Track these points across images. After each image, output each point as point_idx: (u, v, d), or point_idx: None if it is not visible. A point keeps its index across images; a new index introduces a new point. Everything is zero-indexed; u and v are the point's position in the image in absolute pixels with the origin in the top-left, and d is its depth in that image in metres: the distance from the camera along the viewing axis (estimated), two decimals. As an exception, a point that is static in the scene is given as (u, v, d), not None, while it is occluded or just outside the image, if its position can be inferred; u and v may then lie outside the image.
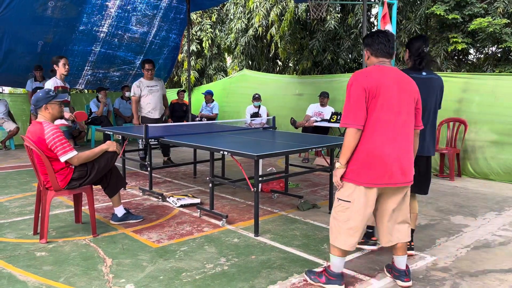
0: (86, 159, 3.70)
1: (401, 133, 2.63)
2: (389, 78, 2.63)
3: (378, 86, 2.58)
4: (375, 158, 2.57)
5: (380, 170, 2.58)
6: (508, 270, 3.17)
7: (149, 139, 4.77)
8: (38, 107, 3.65)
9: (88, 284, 2.86)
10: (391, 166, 2.59)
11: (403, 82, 2.69)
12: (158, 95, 6.90)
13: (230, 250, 3.50)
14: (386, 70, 2.67)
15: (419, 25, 9.62)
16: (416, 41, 3.33)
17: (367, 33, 3.18)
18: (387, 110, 2.58)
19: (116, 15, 9.58)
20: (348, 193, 2.67)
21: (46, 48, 9.27)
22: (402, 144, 2.63)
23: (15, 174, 6.50)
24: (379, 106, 2.57)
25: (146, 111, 6.87)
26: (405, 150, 2.65)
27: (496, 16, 8.65)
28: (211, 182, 4.34)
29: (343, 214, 2.71)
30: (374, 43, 2.74)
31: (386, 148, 2.58)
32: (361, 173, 2.60)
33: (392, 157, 2.59)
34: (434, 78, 3.31)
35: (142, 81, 6.86)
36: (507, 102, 6.37)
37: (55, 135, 3.52)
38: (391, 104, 2.59)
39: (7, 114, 9.19)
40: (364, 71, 2.68)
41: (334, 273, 2.82)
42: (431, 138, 3.32)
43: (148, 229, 4.00)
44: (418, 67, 3.28)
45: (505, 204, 5.05)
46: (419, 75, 3.25)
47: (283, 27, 11.00)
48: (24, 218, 4.31)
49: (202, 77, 14.16)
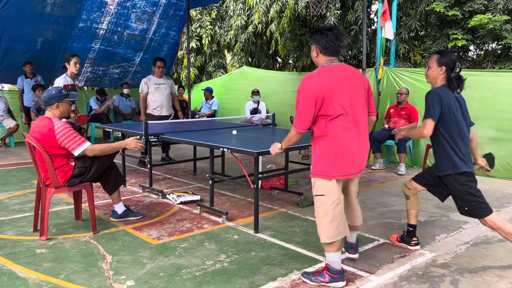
0: (101, 152, 3.69)
1: (360, 128, 2.82)
2: (340, 79, 2.74)
3: (330, 90, 2.68)
4: (343, 155, 2.75)
5: (347, 163, 2.78)
6: (508, 266, 3.17)
7: (149, 136, 4.77)
8: (49, 104, 3.66)
9: (88, 280, 2.87)
10: (355, 158, 2.81)
11: (353, 78, 2.81)
12: (165, 93, 6.91)
13: (230, 246, 3.50)
14: (335, 71, 2.76)
15: (419, 22, 9.60)
16: (451, 57, 3.15)
17: (314, 29, 3.06)
18: (343, 110, 2.72)
19: (115, 12, 9.56)
20: (322, 187, 2.81)
21: (46, 45, 9.26)
22: (362, 137, 2.84)
23: (15, 171, 6.51)
24: (335, 107, 2.70)
25: (151, 108, 6.89)
26: (364, 142, 2.88)
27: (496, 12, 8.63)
28: (211, 179, 4.34)
29: (320, 210, 2.82)
30: (324, 40, 2.77)
31: (350, 144, 2.76)
32: (331, 169, 2.77)
33: (355, 151, 2.80)
34: (460, 96, 3.27)
35: (150, 78, 6.91)
36: (506, 99, 6.37)
37: (65, 130, 3.53)
38: (346, 103, 2.73)
39: (6, 112, 9.18)
40: (314, 76, 2.74)
41: (336, 270, 2.83)
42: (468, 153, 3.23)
43: (148, 226, 4.01)
44: (457, 89, 3.18)
45: (505, 200, 5.06)
46: (455, 94, 3.20)
47: (282, 23, 10.98)
48: (24, 215, 4.31)
49: (202, 74, 14.14)
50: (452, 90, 3.16)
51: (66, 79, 5.67)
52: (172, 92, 7.13)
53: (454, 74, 3.13)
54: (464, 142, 3.17)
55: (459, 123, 3.15)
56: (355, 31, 10.49)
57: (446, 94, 3.11)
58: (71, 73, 5.74)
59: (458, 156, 3.12)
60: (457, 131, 3.14)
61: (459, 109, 3.17)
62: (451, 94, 3.15)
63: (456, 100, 3.17)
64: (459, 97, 3.22)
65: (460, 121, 3.15)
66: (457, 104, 3.16)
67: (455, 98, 3.16)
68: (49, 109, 3.68)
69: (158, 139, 4.83)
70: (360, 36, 10.03)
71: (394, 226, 4.06)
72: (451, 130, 3.13)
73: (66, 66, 5.77)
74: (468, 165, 3.13)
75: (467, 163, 3.13)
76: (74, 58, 5.74)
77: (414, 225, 3.49)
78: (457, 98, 3.19)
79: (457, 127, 3.14)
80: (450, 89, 3.16)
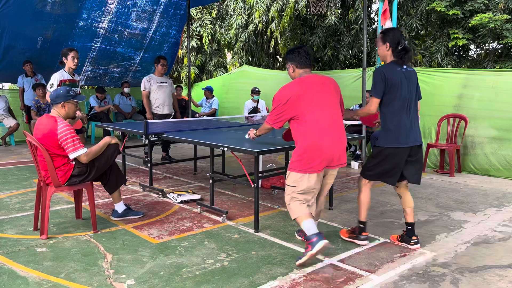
0: (94, 155, 3.71)
1: (331, 125, 3.16)
2: (308, 85, 3.18)
3: (299, 95, 3.13)
4: (315, 151, 3.09)
5: (319, 159, 3.10)
6: (508, 266, 3.17)
7: (149, 135, 4.76)
8: (56, 103, 3.66)
9: (88, 279, 2.87)
10: (327, 154, 3.11)
11: (322, 83, 3.24)
12: (167, 91, 6.94)
13: (230, 246, 3.50)
14: (306, 80, 3.22)
15: (419, 21, 9.59)
16: (395, 34, 3.34)
17: (288, 50, 3.43)
18: (313, 111, 3.12)
19: (116, 11, 9.56)
20: (294, 179, 3.17)
21: (46, 44, 9.26)
22: (334, 134, 3.16)
23: (15, 170, 6.51)
24: (305, 109, 3.11)
25: (154, 107, 6.90)
26: (338, 138, 3.18)
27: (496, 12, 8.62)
28: (211, 178, 4.34)
29: (290, 195, 3.20)
30: (297, 57, 3.27)
31: (322, 141, 3.10)
32: (304, 164, 3.11)
33: (327, 147, 3.11)
34: (412, 71, 3.40)
35: (152, 77, 6.93)
36: (507, 98, 6.37)
37: (67, 131, 3.54)
38: (315, 104, 3.13)
39: (7, 110, 9.18)
40: (286, 86, 3.24)
41: (312, 234, 3.06)
42: (418, 128, 3.43)
43: (149, 225, 4.01)
44: (402, 62, 3.33)
45: (505, 200, 5.05)
46: (401, 68, 3.32)
47: (283, 22, 10.98)
48: (24, 214, 4.32)
49: (202, 73, 14.14)
50: (400, 65, 3.31)
51: (62, 74, 5.55)
52: (173, 92, 7.16)
53: (399, 49, 3.29)
54: (408, 116, 3.32)
55: (404, 98, 3.29)
56: (355, 30, 10.48)
57: (390, 71, 3.27)
58: (69, 68, 5.63)
59: (399, 130, 3.31)
60: (400, 106, 3.30)
61: (405, 84, 3.29)
62: (397, 70, 3.29)
63: (403, 75, 3.29)
64: (407, 72, 3.33)
65: (404, 96, 3.29)
66: (403, 79, 3.28)
67: (401, 74, 3.29)
68: (54, 108, 3.68)
69: (158, 138, 4.83)
70: (361, 35, 10.03)
71: (395, 226, 4.06)
72: (394, 105, 3.30)
73: (64, 61, 5.63)
74: (404, 141, 3.30)
75: (403, 138, 3.30)
76: (72, 52, 5.60)
77: (411, 223, 3.53)
78: (404, 73, 3.31)
79: (400, 102, 3.29)
80: (398, 64, 3.32)
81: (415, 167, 3.45)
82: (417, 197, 5.04)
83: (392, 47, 3.32)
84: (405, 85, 3.29)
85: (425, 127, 7.06)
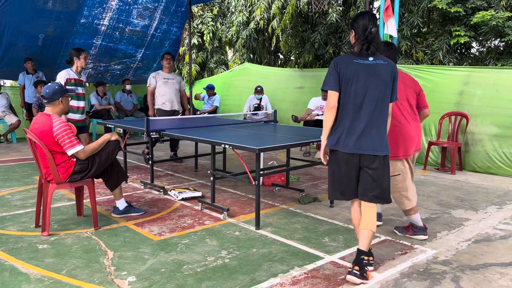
0: (92, 152, 3.72)
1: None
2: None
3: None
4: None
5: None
6: (509, 263, 3.17)
7: (150, 132, 4.76)
8: (54, 99, 3.65)
9: (90, 276, 2.88)
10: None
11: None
12: (174, 88, 6.87)
13: (231, 243, 3.51)
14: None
15: (421, 18, 9.56)
16: (361, 19, 2.83)
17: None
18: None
19: (117, 8, 9.54)
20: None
21: (47, 41, 9.25)
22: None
23: (16, 167, 6.52)
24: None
25: (160, 103, 6.85)
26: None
27: (499, 9, 8.59)
28: (213, 176, 4.35)
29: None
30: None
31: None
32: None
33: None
34: (382, 64, 2.83)
35: (159, 73, 6.92)
36: (508, 95, 6.35)
37: (63, 129, 3.54)
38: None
39: (8, 108, 9.18)
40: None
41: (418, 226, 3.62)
42: (379, 135, 2.84)
43: (150, 222, 4.01)
44: (366, 53, 2.81)
45: (506, 197, 5.05)
46: (365, 60, 2.82)
47: (284, 20, 10.95)
48: (26, 211, 4.32)
49: (203, 71, 14.12)
50: (363, 56, 2.82)
51: (68, 73, 5.50)
52: (181, 89, 7.04)
53: (364, 36, 2.80)
54: (362, 118, 2.81)
55: (357, 96, 2.79)
56: (357, 27, 10.44)
57: (345, 62, 2.81)
58: (79, 67, 5.58)
59: (341, 132, 2.85)
60: (351, 104, 2.81)
61: (362, 79, 2.79)
62: (356, 62, 2.81)
63: (363, 68, 2.79)
64: (373, 65, 2.81)
65: (358, 93, 2.79)
66: (361, 73, 2.79)
67: (360, 66, 2.79)
68: (51, 105, 3.67)
69: (160, 136, 4.82)
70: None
71: (396, 223, 4.06)
72: (343, 103, 2.84)
73: (74, 61, 5.58)
74: (342, 145, 2.83)
75: (343, 141, 2.83)
76: (84, 53, 5.60)
77: (360, 250, 2.90)
78: (367, 66, 2.81)
79: (351, 100, 2.81)
80: (360, 55, 2.83)
81: (369, 182, 2.85)
82: (419, 195, 5.04)
83: (357, 34, 2.83)
84: (362, 80, 2.78)
85: (426, 124, 7.06)
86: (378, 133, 2.82)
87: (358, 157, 2.83)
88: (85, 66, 5.70)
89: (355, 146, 2.81)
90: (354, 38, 2.87)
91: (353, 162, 2.84)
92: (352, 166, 2.86)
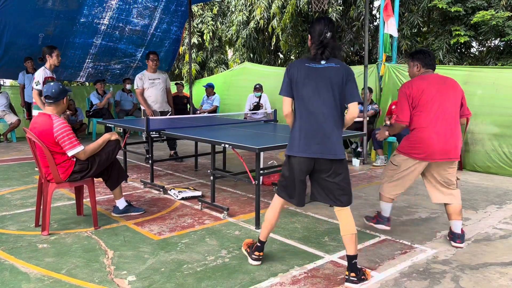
0: (92, 152, 3.72)
1: (445, 121, 3.45)
2: (430, 82, 3.45)
3: (421, 89, 3.41)
4: (423, 142, 3.43)
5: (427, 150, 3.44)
6: (509, 263, 3.17)
7: (150, 132, 4.76)
8: (58, 99, 3.64)
9: (89, 275, 2.88)
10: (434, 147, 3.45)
11: (443, 82, 3.46)
12: (160, 88, 6.80)
13: (231, 242, 3.51)
14: (428, 77, 3.48)
15: (421, 18, 9.57)
16: (317, 25, 2.80)
17: (417, 49, 3.70)
18: (431, 105, 3.43)
19: (117, 7, 9.54)
20: (398, 160, 3.59)
21: (47, 40, 9.23)
22: (446, 130, 3.44)
23: (16, 167, 6.52)
24: (423, 103, 3.41)
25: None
26: (449, 134, 3.43)
27: (499, 9, 8.60)
28: (212, 175, 4.35)
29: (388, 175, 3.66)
30: (425, 58, 3.52)
31: (431, 133, 3.42)
32: (411, 149, 3.49)
33: (436, 140, 3.45)
34: (334, 67, 2.78)
35: (144, 74, 6.81)
36: (508, 95, 6.35)
37: (64, 129, 3.54)
38: (433, 100, 3.39)
39: (8, 107, 9.19)
40: (410, 82, 3.50)
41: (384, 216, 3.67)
42: (333, 138, 2.78)
43: (150, 221, 4.02)
44: (320, 57, 2.77)
45: (506, 197, 5.05)
46: (317, 64, 2.79)
47: (284, 19, 10.96)
48: (26, 210, 4.32)
49: (203, 70, 14.13)
50: (316, 61, 2.79)
51: (46, 71, 5.71)
52: (167, 87, 6.96)
53: (319, 41, 2.76)
54: (313, 121, 2.77)
55: (308, 98, 2.77)
56: (357, 27, 10.46)
57: (297, 67, 2.81)
58: (52, 65, 5.78)
59: (295, 136, 2.83)
60: (303, 107, 2.80)
61: (313, 82, 2.76)
62: (307, 65, 2.79)
63: (313, 72, 2.77)
64: (323, 69, 2.78)
65: (308, 96, 2.77)
66: (311, 77, 2.76)
67: (311, 70, 2.78)
68: (54, 105, 3.65)
69: (160, 135, 4.82)
70: (362, 32, 10.01)
71: (396, 223, 4.06)
72: (297, 106, 2.84)
73: (47, 58, 5.77)
74: (294, 149, 2.81)
75: (296, 146, 2.81)
76: (56, 50, 5.80)
77: (349, 255, 2.84)
78: (318, 69, 2.78)
79: (302, 103, 2.80)
80: (313, 60, 2.80)
81: (327, 185, 2.84)
82: (418, 194, 5.05)
83: (313, 39, 2.81)
84: (312, 84, 2.76)
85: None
86: (330, 136, 2.76)
87: (313, 161, 2.79)
88: (57, 64, 5.85)
89: (312, 151, 2.76)
90: (310, 42, 2.88)
91: (305, 166, 2.81)
92: (303, 171, 2.82)
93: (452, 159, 3.41)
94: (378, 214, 3.75)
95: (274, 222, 3.03)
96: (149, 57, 6.78)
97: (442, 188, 3.50)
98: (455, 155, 3.40)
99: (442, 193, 3.51)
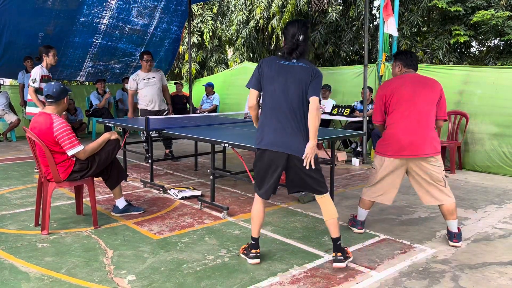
0: (92, 152, 3.72)
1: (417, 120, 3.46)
2: (406, 81, 3.51)
3: (394, 87, 3.48)
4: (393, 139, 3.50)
5: (396, 147, 3.49)
6: (508, 262, 3.17)
7: (150, 131, 4.76)
8: (60, 99, 3.65)
9: (89, 275, 2.88)
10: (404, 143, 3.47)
11: (419, 82, 3.49)
12: (155, 87, 6.74)
13: (231, 242, 3.51)
14: (406, 76, 3.55)
15: (421, 18, 9.57)
16: (291, 27, 2.94)
17: (399, 51, 3.77)
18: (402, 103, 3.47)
19: (116, 7, 9.55)
20: (376, 162, 3.66)
21: (47, 40, 9.24)
22: (417, 128, 3.47)
23: (16, 166, 6.52)
24: (395, 101, 3.46)
25: (144, 104, 6.79)
26: (419, 132, 3.44)
27: (498, 8, 8.60)
28: (212, 175, 4.35)
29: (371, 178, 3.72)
30: (406, 59, 3.59)
31: (401, 131, 3.47)
32: (383, 148, 3.58)
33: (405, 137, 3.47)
34: (304, 66, 2.93)
35: (138, 74, 6.76)
36: (508, 95, 6.35)
37: (63, 129, 3.54)
38: (405, 98, 3.44)
39: (8, 106, 9.19)
40: (387, 81, 3.61)
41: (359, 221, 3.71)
42: (297, 134, 2.92)
43: (149, 221, 4.02)
44: (289, 56, 2.93)
45: (506, 197, 5.05)
46: (287, 62, 2.94)
47: (284, 19, 10.95)
48: (25, 210, 4.33)
49: (203, 69, 14.13)
50: (286, 59, 2.93)
51: (42, 70, 5.78)
52: (163, 85, 6.91)
53: (292, 42, 2.90)
54: (278, 117, 2.92)
55: (276, 96, 2.91)
56: (357, 26, 10.46)
57: (268, 63, 2.95)
58: (49, 64, 5.85)
59: (262, 129, 3.00)
60: (271, 104, 2.94)
61: (282, 80, 2.90)
62: (278, 63, 2.93)
63: (283, 69, 2.91)
64: (292, 66, 2.92)
65: (276, 94, 2.91)
66: (281, 74, 2.90)
67: (281, 67, 2.92)
68: (55, 104, 3.65)
69: (159, 134, 4.82)
70: (362, 31, 10.00)
71: (395, 222, 4.06)
72: (265, 101, 2.99)
73: (43, 58, 5.84)
74: (262, 142, 2.97)
75: (265, 139, 2.96)
76: (53, 50, 5.88)
77: (333, 238, 3.06)
78: (287, 67, 2.92)
79: (270, 99, 2.95)
80: (283, 58, 2.94)
81: (295, 176, 3.00)
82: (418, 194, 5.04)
83: (286, 40, 2.95)
84: (281, 81, 2.90)
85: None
86: (298, 133, 2.91)
87: (281, 155, 2.92)
88: (54, 63, 5.94)
89: (276, 145, 2.91)
90: (284, 43, 3.02)
91: (270, 159, 2.95)
92: (268, 164, 2.96)
93: (421, 156, 3.36)
94: (353, 217, 3.83)
95: (261, 215, 3.10)
96: (142, 57, 6.74)
97: (430, 188, 3.45)
98: (423, 151, 3.36)
99: (431, 195, 3.45)
